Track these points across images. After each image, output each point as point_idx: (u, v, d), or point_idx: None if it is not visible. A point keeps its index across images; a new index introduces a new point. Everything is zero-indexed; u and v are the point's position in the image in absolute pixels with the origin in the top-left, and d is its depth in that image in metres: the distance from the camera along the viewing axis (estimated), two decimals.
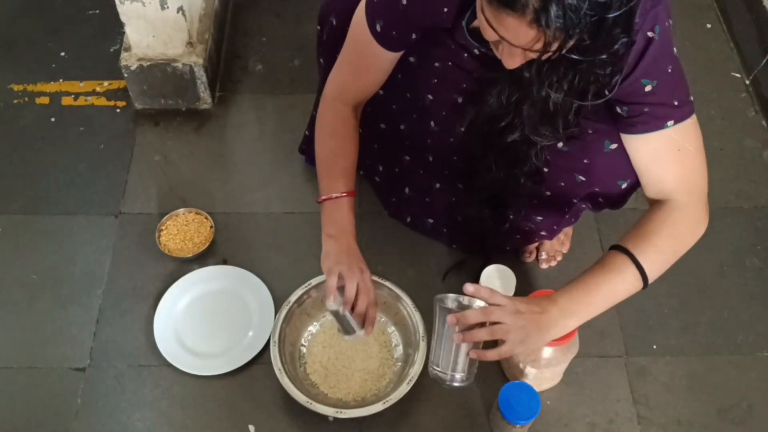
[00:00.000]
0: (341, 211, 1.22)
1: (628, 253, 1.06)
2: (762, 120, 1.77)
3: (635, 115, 1.02)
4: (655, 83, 0.99)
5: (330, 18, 1.28)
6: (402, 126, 1.33)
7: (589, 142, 1.10)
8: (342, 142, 1.24)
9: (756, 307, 1.47)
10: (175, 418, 1.31)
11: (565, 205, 1.29)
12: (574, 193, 1.23)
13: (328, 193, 1.22)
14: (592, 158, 1.14)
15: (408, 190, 1.45)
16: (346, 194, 1.22)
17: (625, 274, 1.06)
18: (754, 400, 1.36)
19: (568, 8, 0.79)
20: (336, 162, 1.24)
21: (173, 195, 1.59)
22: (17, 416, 1.31)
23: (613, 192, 1.21)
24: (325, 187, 1.23)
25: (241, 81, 1.80)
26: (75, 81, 1.78)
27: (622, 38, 0.87)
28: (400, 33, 1.10)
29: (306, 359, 1.35)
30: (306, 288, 1.34)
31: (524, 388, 1.22)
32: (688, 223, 1.08)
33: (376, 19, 1.10)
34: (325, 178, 1.24)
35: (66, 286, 1.46)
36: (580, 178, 1.18)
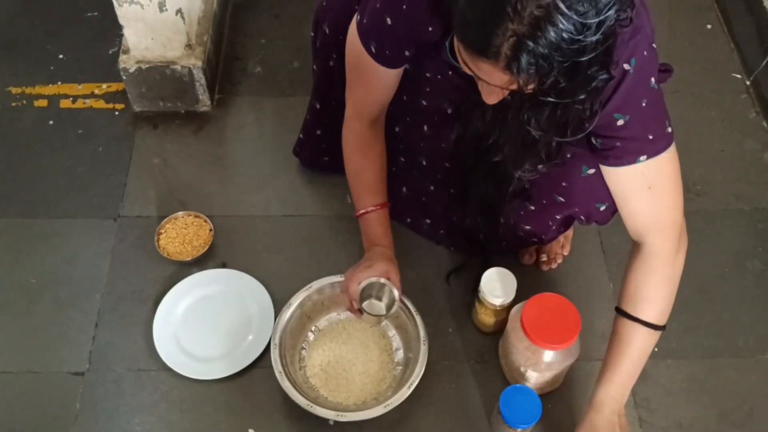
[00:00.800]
0: (371, 226, 1.28)
1: (632, 318, 1.12)
2: (762, 121, 1.76)
3: (608, 148, 1.02)
4: (628, 118, 0.98)
5: (323, 26, 1.29)
6: (396, 128, 1.34)
7: (568, 165, 1.09)
8: (363, 159, 1.28)
9: (757, 309, 1.47)
10: (175, 422, 1.30)
11: (549, 220, 1.30)
12: (556, 211, 1.25)
13: (358, 210, 1.29)
14: (570, 182, 1.14)
15: (405, 189, 1.45)
16: (373, 208, 1.27)
17: (640, 337, 1.13)
18: (755, 403, 1.35)
19: (539, 57, 0.79)
20: (359, 179, 1.29)
21: (172, 198, 1.58)
22: (16, 421, 1.30)
23: (592, 213, 1.22)
24: (356, 205, 1.30)
25: (241, 83, 1.80)
26: (73, 83, 1.77)
27: (601, 75, 0.85)
28: (393, 51, 1.11)
29: (306, 363, 1.35)
30: (307, 291, 1.34)
31: (525, 392, 1.21)
32: (668, 264, 1.11)
33: (369, 40, 1.11)
34: (355, 196, 1.31)
35: (65, 290, 1.45)
36: (559, 199, 1.19)
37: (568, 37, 0.77)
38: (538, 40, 0.77)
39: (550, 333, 1.19)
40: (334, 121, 1.43)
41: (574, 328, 1.20)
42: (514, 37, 0.78)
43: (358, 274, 1.22)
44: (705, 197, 1.62)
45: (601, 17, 0.78)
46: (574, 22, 0.77)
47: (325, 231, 1.55)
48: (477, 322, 1.41)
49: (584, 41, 0.78)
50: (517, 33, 0.78)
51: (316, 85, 1.43)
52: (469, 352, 1.37)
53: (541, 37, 0.77)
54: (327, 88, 1.40)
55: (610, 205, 1.16)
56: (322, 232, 1.55)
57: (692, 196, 1.62)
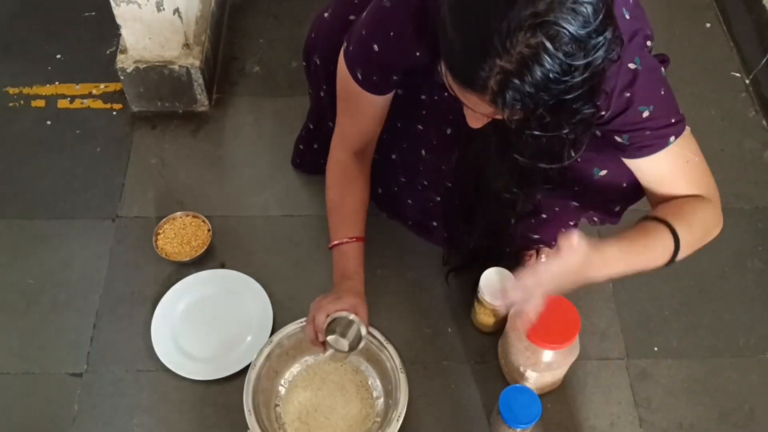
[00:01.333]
0: (345, 258, 1.23)
1: (665, 223, 1.02)
2: (762, 120, 1.76)
3: (638, 140, 1.02)
4: (652, 108, 1.00)
5: (314, 58, 1.29)
6: (393, 155, 1.33)
7: (579, 169, 1.09)
8: (343, 190, 1.26)
9: (757, 309, 1.46)
10: (174, 423, 1.30)
11: (563, 226, 1.29)
12: (570, 217, 1.25)
13: (332, 240, 1.25)
14: (583, 185, 1.14)
15: (410, 201, 1.45)
16: (348, 240, 1.23)
17: (663, 240, 1.01)
18: (755, 403, 1.35)
19: (524, 94, 0.79)
20: (337, 210, 1.26)
21: (170, 198, 1.58)
22: (14, 423, 1.30)
23: (607, 214, 1.22)
24: (331, 234, 1.26)
25: (239, 83, 1.79)
26: (71, 84, 1.77)
27: (586, 109, 0.86)
28: (380, 77, 1.12)
29: (283, 419, 1.28)
30: (270, 345, 1.27)
31: (525, 392, 1.21)
32: (714, 215, 1.07)
33: (355, 67, 1.11)
34: (331, 226, 1.27)
35: (63, 291, 1.45)
36: (573, 204, 1.19)
37: (554, 78, 0.78)
38: (524, 78, 0.78)
39: (549, 333, 1.19)
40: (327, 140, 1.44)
41: (573, 327, 1.19)
42: (501, 74, 0.79)
43: (325, 305, 1.16)
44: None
45: (588, 59, 0.78)
46: (561, 63, 0.77)
47: (324, 231, 1.52)
48: (476, 323, 1.40)
49: (570, 82, 0.79)
50: (504, 70, 0.78)
51: (310, 108, 1.45)
52: (468, 352, 1.37)
53: (527, 75, 0.77)
54: (320, 115, 1.41)
55: (624, 205, 1.16)
56: (321, 233, 1.53)
57: None
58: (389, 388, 1.27)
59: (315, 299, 1.19)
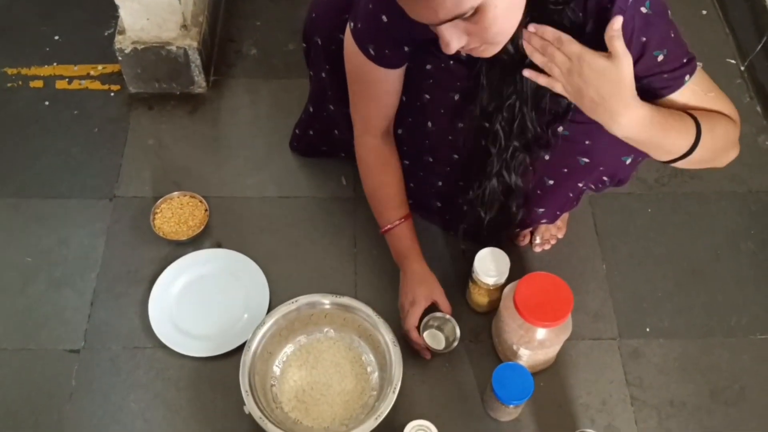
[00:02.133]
0: (399, 239, 1.34)
1: (692, 116, 1.04)
2: (757, 106, 1.77)
3: (655, 84, 1.05)
4: (666, 51, 1.02)
5: (314, 38, 1.29)
6: (399, 130, 1.33)
7: (588, 124, 1.10)
8: (381, 174, 1.32)
9: (750, 290, 1.48)
10: (171, 399, 1.31)
11: (570, 191, 1.29)
12: (579, 176, 1.23)
13: (382, 226, 1.34)
14: (593, 138, 1.14)
15: (412, 185, 1.45)
16: (398, 222, 1.32)
17: (688, 128, 1.03)
18: (746, 382, 1.36)
19: None
20: (380, 194, 1.34)
21: (167, 179, 1.59)
22: (11, 398, 1.31)
23: (618, 169, 1.21)
24: (379, 221, 1.34)
25: (236, 65, 1.80)
26: (69, 65, 1.77)
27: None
28: (392, 50, 1.12)
29: (280, 399, 1.29)
30: (263, 327, 1.28)
31: (517, 369, 1.22)
32: (734, 133, 1.10)
33: (366, 44, 1.12)
34: (376, 212, 1.35)
35: (60, 269, 1.45)
36: (583, 160, 1.18)
37: None
38: None
39: (542, 311, 1.20)
40: (327, 124, 1.46)
41: (566, 306, 1.21)
42: None
43: (410, 319, 1.29)
44: (699, 180, 1.62)
45: None
46: None
47: (320, 212, 1.56)
48: (470, 302, 1.41)
49: None
50: None
51: (310, 91, 1.45)
52: (463, 331, 1.37)
53: None
54: (320, 98, 1.42)
55: (635, 156, 1.17)
56: (317, 214, 1.55)
57: (686, 179, 1.62)
58: (383, 363, 1.28)
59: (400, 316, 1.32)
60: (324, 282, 1.44)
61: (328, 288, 1.38)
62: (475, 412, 1.31)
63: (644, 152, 1.14)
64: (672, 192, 1.59)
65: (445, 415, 1.29)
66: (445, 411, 1.30)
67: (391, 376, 1.23)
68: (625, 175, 1.22)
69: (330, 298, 1.32)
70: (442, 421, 1.21)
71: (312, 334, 1.35)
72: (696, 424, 1.31)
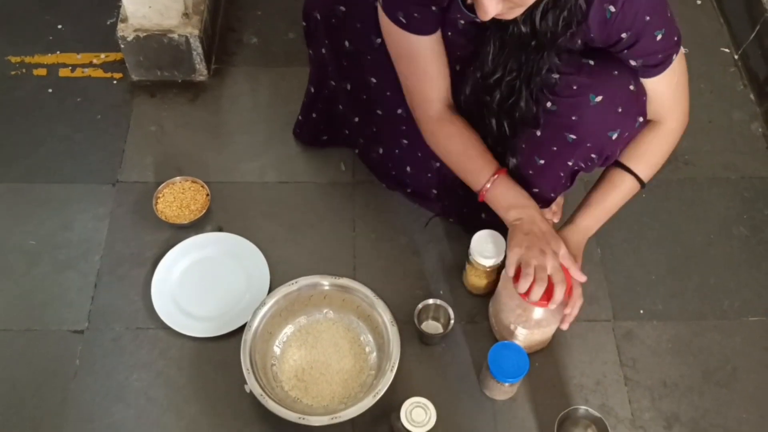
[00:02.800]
0: (505, 191, 1.26)
1: (626, 168, 1.24)
2: (750, 93, 1.79)
3: (650, 62, 1.11)
4: (663, 31, 1.07)
5: (314, 14, 1.31)
6: (399, 110, 1.35)
7: (575, 98, 1.13)
8: (459, 142, 1.27)
9: (742, 274, 1.50)
10: (173, 378, 1.34)
11: (561, 170, 1.31)
12: (568, 154, 1.25)
13: (482, 185, 1.26)
14: (579, 114, 1.16)
15: (409, 168, 1.47)
16: (496, 174, 1.25)
17: (627, 185, 1.25)
18: (738, 363, 1.39)
19: None
20: (466, 160, 1.27)
21: (169, 164, 1.61)
22: (16, 377, 1.33)
23: (605, 145, 1.23)
24: (476, 182, 1.27)
25: (236, 53, 1.82)
26: (72, 53, 1.79)
27: None
28: (420, 12, 1.13)
29: (280, 378, 1.32)
30: (263, 307, 1.31)
31: (513, 348, 1.25)
32: (673, 139, 1.25)
33: (396, 12, 1.13)
34: (470, 177, 1.28)
35: (64, 252, 1.48)
36: (570, 137, 1.20)
37: None
38: None
39: None
40: (330, 105, 1.47)
41: None
42: None
43: (552, 240, 1.21)
44: (693, 166, 1.65)
45: None
46: None
47: (319, 197, 1.58)
48: (467, 284, 1.44)
49: None
50: None
51: (311, 71, 1.46)
52: (460, 313, 1.40)
53: None
54: (321, 75, 1.43)
55: (621, 132, 1.19)
56: (317, 198, 1.58)
57: (680, 165, 1.65)
58: (381, 342, 1.31)
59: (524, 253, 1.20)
60: (323, 265, 1.46)
61: (327, 270, 1.40)
62: (471, 390, 1.33)
63: (630, 127, 1.18)
64: (665, 178, 1.61)
65: (442, 393, 1.32)
66: (441, 390, 1.33)
67: (389, 355, 1.26)
68: (612, 150, 1.24)
69: (329, 279, 1.34)
70: (438, 400, 1.23)
71: (311, 314, 1.37)
72: (688, 405, 1.34)
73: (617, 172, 1.25)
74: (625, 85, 1.13)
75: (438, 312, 1.38)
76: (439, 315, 1.39)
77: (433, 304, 1.36)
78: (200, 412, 1.30)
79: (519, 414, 1.32)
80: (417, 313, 1.35)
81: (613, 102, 1.13)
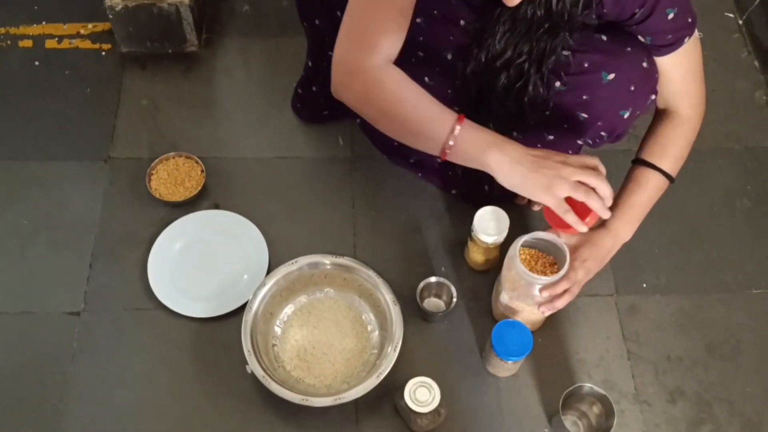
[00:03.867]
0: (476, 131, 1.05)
1: (652, 166, 1.21)
2: (754, 61, 1.76)
3: (659, 41, 1.09)
4: (676, 10, 1.04)
5: None
6: None
7: (586, 76, 1.10)
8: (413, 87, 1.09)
9: (746, 246, 1.49)
10: (173, 360, 1.32)
11: (569, 148, 1.29)
12: (578, 133, 1.23)
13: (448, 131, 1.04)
14: (591, 93, 1.14)
15: None
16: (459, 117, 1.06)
17: (654, 183, 1.21)
18: (742, 337, 1.38)
19: None
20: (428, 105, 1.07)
21: (162, 140, 1.57)
22: (14, 361, 1.31)
23: (616, 124, 1.21)
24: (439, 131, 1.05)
25: (228, 23, 1.77)
26: (58, 23, 1.74)
27: None
28: None
29: (282, 358, 1.31)
30: (264, 288, 1.30)
31: (517, 326, 1.23)
32: (693, 129, 1.23)
33: None
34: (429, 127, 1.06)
35: (58, 232, 1.45)
36: (582, 116, 1.18)
37: None
38: None
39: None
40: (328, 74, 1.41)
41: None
42: None
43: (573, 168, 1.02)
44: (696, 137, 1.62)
45: None
46: None
47: (318, 173, 1.55)
48: (469, 261, 1.42)
49: None
50: None
51: (308, 44, 1.42)
52: (461, 290, 1.38)
53: None
54: (318, 47, 1.39)
55: (633, 110, 1.18)
56: (315, 174, 1.55)
57: None
58: (383, 322, 1.29)
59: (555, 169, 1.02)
60: (323, 242, 1.44)
61: (327, 248, 1.38)
62: (474, 368, 1.33)
63: (642, 105, 1.16)
64: None
65: (445, 372, 1.31)
66: (445, 368, 1.32)
67: (392, 335, 1.25)
68: (623, 129, 1.23)
69: (330, 258, 1.32)
70: (442, 378, 1.22)
71: (312, 294, 1.35)
72: (692, 379, 1.34)
73: (642, 171, 1.21)
74: (639, 62, 1.10)
75: (440, 290, 1.37)
76: (442, 292, 1.37)
77: (435, 281, 1.35)
78: (202, 394, 1.29)
79: (523, 391, 1.31)
80: (419, 291, 1.34)
81: (626, 80, 1.11)
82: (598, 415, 1.24)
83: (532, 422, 1.29)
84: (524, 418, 1.29)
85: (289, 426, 1.26)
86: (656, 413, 1.30)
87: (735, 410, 1.31)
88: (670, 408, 1.31)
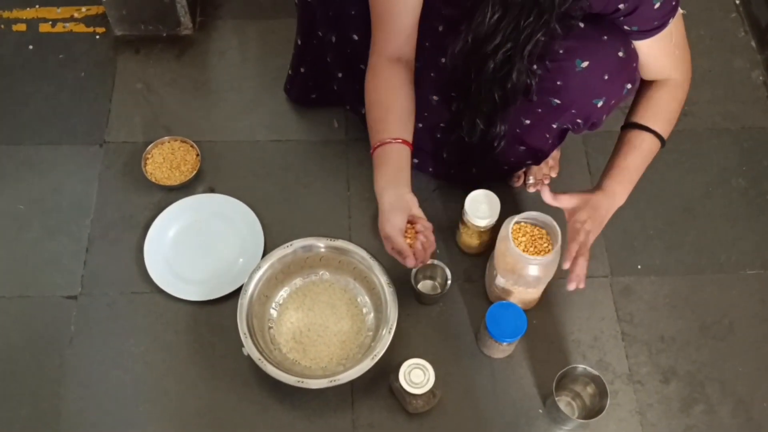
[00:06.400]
0: (397, 158, 1.15)
1: (644, 128, 1.19)
2: (751, 40, 1.75)
3: (645, 27, 1.08)
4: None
5: None
6: None
7: (561, 62, 1.09)
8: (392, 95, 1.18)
9: (740, 227, 1.49)
10: (170, 342, 1.33)
11: (545, 132, 1.29)
12: (552, 117, 1.23)
13: (378, 141, 1.15)
14: (564, 79, 1.13)
15: None
16: (401, 140, 1.15)
17: (647, 145, 1.20)
18: (735, 317, 1.39)
19: None
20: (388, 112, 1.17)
21: (157, 123, 1.57)
22: (12, 344, 1.33)
23: (589, 112, 1.21)
24: (374, 137, 1.16)
25: (222, 5, 1.76)
26: (51, 7, 1.73)
27: None
28: None
29: (278, 340, 1.31)
30: (259, 271, 1.29)
31: (511, 308, 1.24)
32: (683, 90, 1.22)
33: None
34: (373, 130, 1.17)
35: (54, 216, 1.45)
36: (555, 101, 1.18)
37: None
38: None
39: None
40: (318, 58, 1.41)
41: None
42: None
43: (392, 230, 1.14)
44: (692, 117, 1.62)
45: None
46: None
47: (313, 156, 1.55)
48: (461, 244, 1.42)
49: None
50: None
51: (298, 20, 1.41)
52: (456, 272, 1.39)
53: None
54: (308, 25, 1.38)
55: (607, 99, 1.17)
56: (310, 157, 1.55)
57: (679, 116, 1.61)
58: (378, 304, 1.30)
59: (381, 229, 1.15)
60: (318, 225, 1.44)
61: (322, 231, 1.39)
62: (469, 350, 1.34)
63: (617, 95, 1.16)
64: None
65: (440, 353, 1.32)
66: (439, 350, 1.33)
67: (387, 317, 1.25)
68: (598, 117, 1.22)
69: (325, 241, 1.33)
70: (437, 360, 1.23)
71: (307, 277, 1.36)
72: (685, 359, 1.35)
73: (636, 133, 1.19)
74: (614, 52, 1.10)
75: (434, 272, 1.37)
76: (436, 275, 1.38)
77: (429, 263, 1.35)
78: (198, 376, 1.30)
79: (517, 371, 1.32)
80: (413, 274, 1.34)
81: (599, 68, 1.11)
82: (592, 395, 1.25)
83: (526, 403, 1.30)
84: (519, 398, 1.30)
85: (285, 407, 1.28)
86: (649, 393, 1.31)
87: (727, 390, 1.32)
88: (664, 388, 1.32)
